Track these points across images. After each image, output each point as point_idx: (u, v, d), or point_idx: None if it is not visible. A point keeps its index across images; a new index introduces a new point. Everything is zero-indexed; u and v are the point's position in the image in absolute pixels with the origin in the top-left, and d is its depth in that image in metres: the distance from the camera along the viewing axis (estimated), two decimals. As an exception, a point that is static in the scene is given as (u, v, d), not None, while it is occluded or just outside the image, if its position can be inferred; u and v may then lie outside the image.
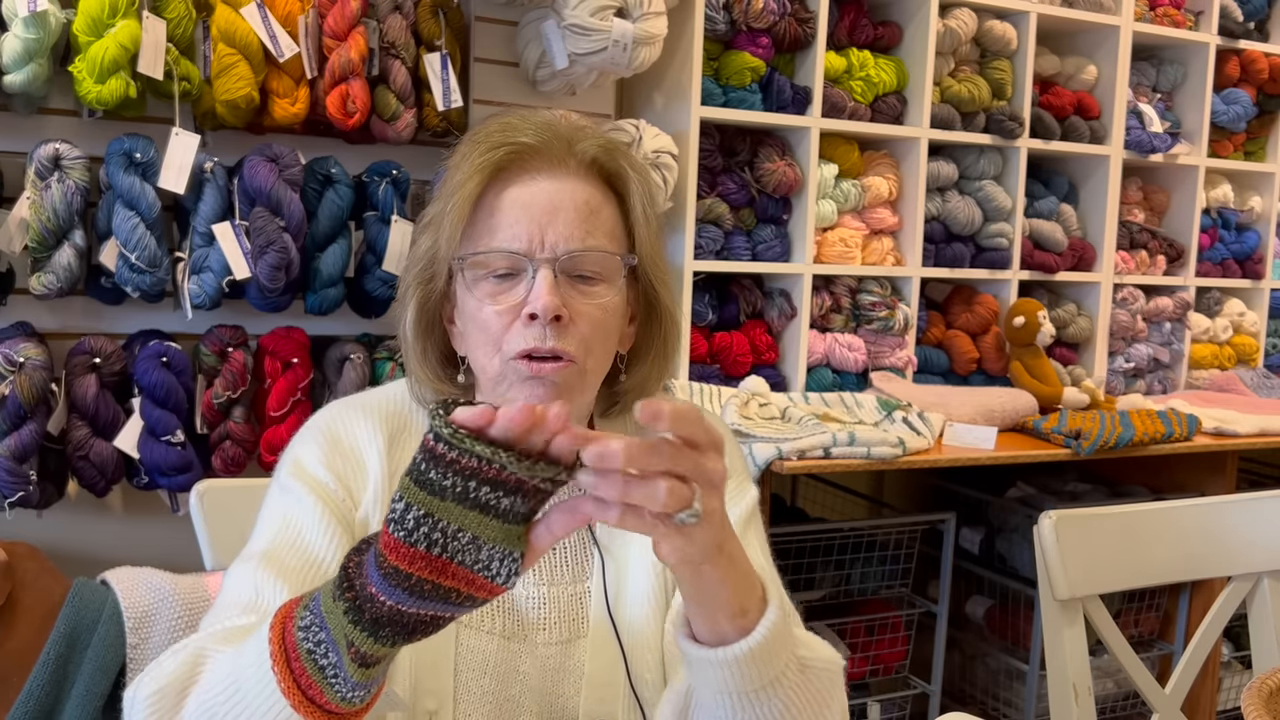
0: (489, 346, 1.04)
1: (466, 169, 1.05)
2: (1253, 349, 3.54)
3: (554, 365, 1.02)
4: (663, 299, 1.12)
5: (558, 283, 1.02)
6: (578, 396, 1.07)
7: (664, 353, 1.14)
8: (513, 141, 1.05)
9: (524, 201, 1.04)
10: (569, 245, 1.03)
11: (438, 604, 0.76)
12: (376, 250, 2.21)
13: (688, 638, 0.89)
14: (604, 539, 1.12)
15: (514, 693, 1.07)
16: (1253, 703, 1.00)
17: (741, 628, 0.87)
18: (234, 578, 1.01)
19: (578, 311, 1.03)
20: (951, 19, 2.87)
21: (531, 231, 1.03)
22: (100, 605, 1.83)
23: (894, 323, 2.84)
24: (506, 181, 1.05)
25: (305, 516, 1.03)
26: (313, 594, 0.80)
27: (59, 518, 2.11)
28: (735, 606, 0.86)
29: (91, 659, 1.79)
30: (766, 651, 0.87)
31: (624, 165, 1.09)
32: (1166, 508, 1.61)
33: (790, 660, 0.91)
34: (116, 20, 1.90)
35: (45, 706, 1.75)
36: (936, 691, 2.74)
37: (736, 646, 0.86)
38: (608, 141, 1.09)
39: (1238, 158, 3.51)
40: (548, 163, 1.05)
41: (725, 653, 0.86)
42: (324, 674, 0.78)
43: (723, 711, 0.91)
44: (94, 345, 2.03)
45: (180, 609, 1.88)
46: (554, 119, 1.09)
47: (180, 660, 0.87)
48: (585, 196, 1.05)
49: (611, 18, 2.27)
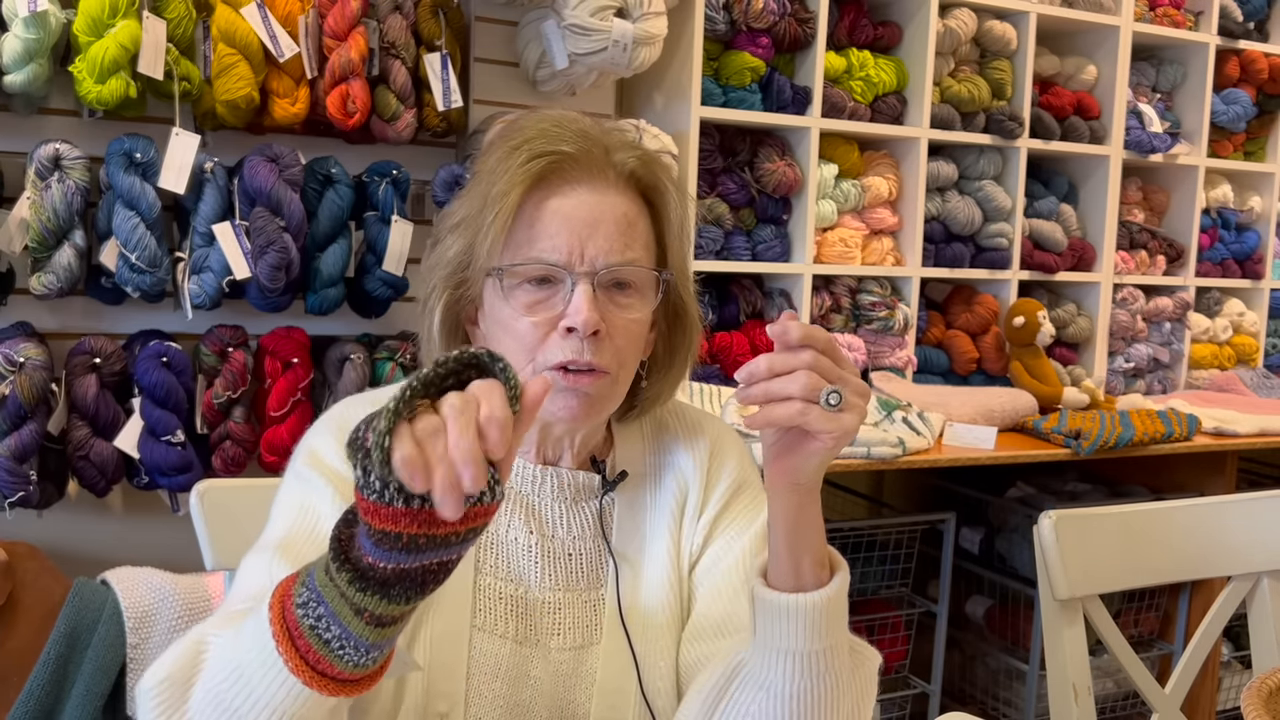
0: (522, 356, 1.04)
1: (507, 178, 1.04)
2: (1252, 349, 3.54)
3: (590, 378, 1.03)
4: (690, 311, 1.13)
5: (596, 297, 1.02)
6: (608, 407, 1.08)
7: (684, 361, 1.15)
8: (554, 151, 1.04)
9: (565, 213, 1.04)
10: (609, 259, 1.03)
11: (438, 551, 0.75)
12: (376, 250, 2.21)
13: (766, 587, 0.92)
14: (620, 547, 1.12)
15: (525, 697, 1.07)
16: (1252, 703, 1.00)
17: (819, 579, 0.91)
18: (248, 567, 1.01)
19: (613, 325, 1.04)
20: (951, 19, 2.87)
21: (571, 244, 1.03)
22: (100, 605, 1.83)
23: (894, 323, 2.84)
24: (546, 191, 1.04)
25: (322, 506, 1.03)
26: (307, 569, 0.80)
27: (59, 518, 2.11)
28: (820, 554, 0.91)
29: (91, 659, 1.79)
30: (837, 608, 0.91)
31: (661, 179, 1.09)
32: (1166, 508, 1.61)
33: (845, 638, 0.93)
34: (116, 20, 1.90)
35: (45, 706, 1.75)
36: (936, 691, 2.74)
37: (816, 593, 0.90)
38: (644, 153, 1.09)
39: (1237, 158, 3.52)
40: (587, 173, 1.05)
41: (804, 598, 0.89)
42: (329, 647, 0.77)
43: (779, 678, 0.91)
44: (94, 345, 2.03)
45: (180, 609, 1.88)
46: (588, 126, 1.08)
47: (183, 649, 0.87)
48: (624, 209, 1.05)
49: (611, 18, 2.27)
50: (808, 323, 2.66)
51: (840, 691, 0.93)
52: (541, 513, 1.11)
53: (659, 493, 1.15)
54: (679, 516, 1.14)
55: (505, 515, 1.10)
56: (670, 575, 1.12)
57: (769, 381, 0.84)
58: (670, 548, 1.13)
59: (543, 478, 1.11)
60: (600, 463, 1.13)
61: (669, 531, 1.13)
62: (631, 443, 1.16)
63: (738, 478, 1.16)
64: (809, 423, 0.83)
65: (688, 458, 1.16)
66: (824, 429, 0.84)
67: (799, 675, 0.91)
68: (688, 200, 1.13)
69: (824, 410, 0.83)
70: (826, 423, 0.83)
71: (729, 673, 0.95)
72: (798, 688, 0.91)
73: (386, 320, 2.32)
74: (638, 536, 1.13)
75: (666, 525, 1.13)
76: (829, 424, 0.84)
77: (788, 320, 0.85)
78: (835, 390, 0.83)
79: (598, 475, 1.12)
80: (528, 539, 1.09)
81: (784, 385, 0.83)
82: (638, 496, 1.14)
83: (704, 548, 1.14)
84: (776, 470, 0.89)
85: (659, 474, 1.16)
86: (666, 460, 1.17)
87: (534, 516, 1.10)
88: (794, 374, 0.83)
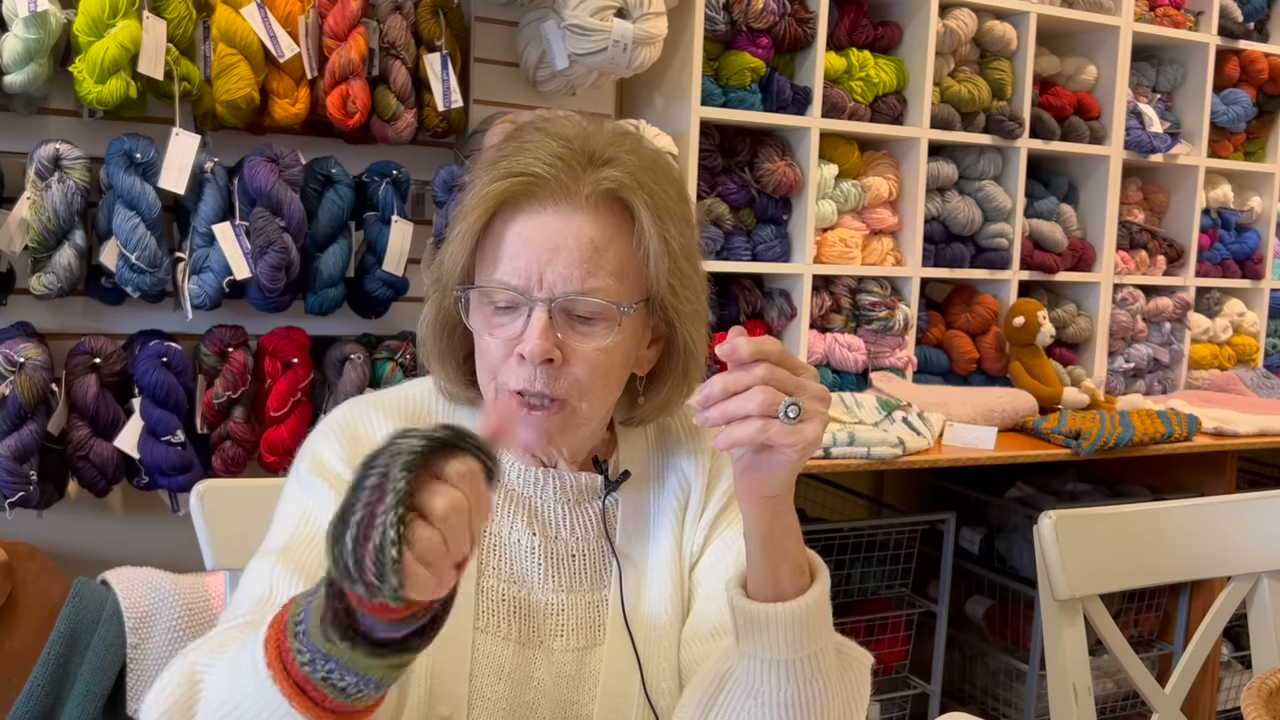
0: (486, 373, 1.04)
1: (475, 196, 1.02)
2: (1252, 349, 3.54)
3: (542, 413, 1.01)
4: (680, 333, 1.08)
5: (552, 324, 1.00)
6: (570, 437, 1.06)
7: (685, 379, 1.12)
8: (521, 173, 1.01)
9: (526, 236, 1.01)
10: (566, 287, 1.00)
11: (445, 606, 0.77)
12: (376, 250, 2.21)
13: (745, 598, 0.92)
14: (624, 548, 1.12)
15: (529, 699, 1.07)
16: (1253, 703, 1.00)
17: (799, 586, 0.91)
18: (251, 573, 1.01)
19: (574, 352, 1.01)
20: (951, 19, 2.87)
21: (530, 269, 1.00)
22: (100, 605, 1.83)
23: (894, 323, 2.84)
24: (515, 210, 1.02)
25: (325, 513, 1.03)
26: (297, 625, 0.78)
27: (59, 518, 2.11)
28: (799, 561, 0.91)
29: (91, 659, 1.79)
30: (819, 614, 0.91)
31: (635, 201, 1.02)
32: (1166, 508, 1.61)
33: (830, 642, 0.94)
34: (117, 20, 1.90)
35: (45, 706, 1.75)
36: (936, 691, 2.74)
37: (796, 601, 0.90)
38: (633, 170, 1.03)
39: (1237, 158, 3.52)
40: (553, 197, 1.01)
41: (784, 607, 0.90)
42: (345, 693, 0.77)
43: (767, 686, 0.91)
44: (94, 345, 2.03)
45: (180, 609, 1.88)
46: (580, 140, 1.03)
47: (177, 682, 0.87)
48: (591, 234, 1.00)
49: (611, 18, 2.27)
50: (805, 320, 2.68)
51: (830, 695, 0.93)
52: (544, 514, 1.10)
53: (662, 494, 1.15)
54: (681, 517, 1.14)
55: (508, 517, 1.10)
56: (673, 576, 1.12)
57: (725, 403, 0.83)
58: (673, 548, 1.13)
59: (544, 479, 1.10)
60: (603, 463, 1.12)
61: (672, 532, 1.13)
62: (635, 444, 1.16)
63: None
64: (770, 439, 0.83)
65: (690, 459, 1.16)
66: (786, 443, 0.84)
67: (786, 683, 0.91)
68: (686, 209, 1.08)
69: (784, 424, 0.83)
70: (787, 436, 0.83)
71: (718, 681, 0.96)
72: (786, 695, 0.92)
73: (386, 320, 2.32)
74: (641, 537, 1.13)
75: (669, 526, 1.13)
76: (790, 438, 0.84)
77: (736, 337, 0.84)
78: (794, 402, 0.83)
79: (600, 476, 1.12)
80: (530, 540, 1.09)
81: (741, 405, 0.83)
82: (641, 497, 1.14)
83: (704, 548, 1.13)
84: (745, 485, 0.89)
85: (662, 475, 1.16)
86: (670, 462, 1.16)
87: (536, 518, 1.10)
88: (749, 391, 0.83)
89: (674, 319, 1.07)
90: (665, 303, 1.06)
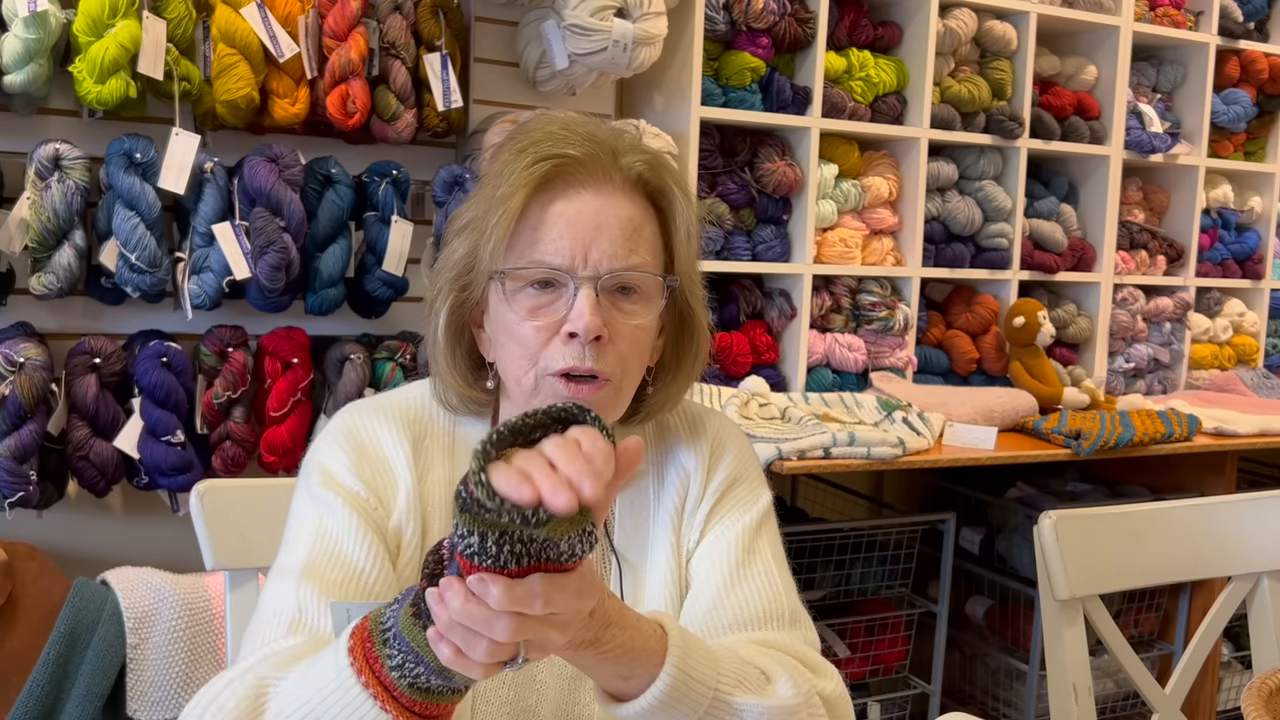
0: (524, 360, 1.03)
1: (511, 181, 1.03)
2: (1253, 349, 3.54)
3: (590, 387, 1.02)
4: (698, 316, 1.12)
5: (599, 301, 1.01)
6: (610, 415, 1.06)
7: (692, 367, 1.14)
8: (559, 154, 1.03)
9: (569, 216, 1.03)
10: (612, 264, 1.02)
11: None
12: (376, 250, 2.21)
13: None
14: (622, 547, 1.12)
15: (531, 702, 1.08)
16: (1253, 703, 1.00)
17: (652, 677, 0.90)
18: (274, 593, 1.00)
19: (616, 331, 1.03)
20: (951, 19, 2.87)
21: (575, 248, 1.02)
22: (100, 605, 1.84)
23: (894, 323, 2.84)
24: (551, 194, 1.03)
25: (341, 527, 1.03)
26: (385, 627, 0.81)
27: (59, 518, 2.11)
28: (651, 652, 0.90)
29: (91, 659, 1.79)
30: (678, 694, 0.90)
31: (669, 182, 1.08)
32: (1166, 508, 1.61)
33: (707, 702, 0.92)
34: (116, 20, 1.90)
35: (45, 706, 1.75)
36: (936, 691, 2.74)
37: (641, 700, 0.90)
38: (653, 156, 1.08)
39: (1238, 158, 3.51)
40: (593, 177, 1.04)
41: (632, 707, 0.90)
42: (432, 694, 0.81)
43: None
44: (94, 345, 2.03)
45: (180, 609, 1.88)
46: (596, 129, 1.07)
47: (241, 695, 0.87)
48: (629, 213, 1.04)
49: (611, 18, 2.27)
50: (805, 320, 2.67)
51: None
52: None
53: (662, 491, 1.15)
54: (680, 513, 1.14)
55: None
56: (672, 573, 1.12)
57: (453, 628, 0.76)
58: (672, 545, 1.13)
59: None
60: None
61: (671, 529, 1.13)
62: None
63: (734, 471, 1.16)
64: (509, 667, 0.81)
65: (689, 454, 1.16)
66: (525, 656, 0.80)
67: None
68: (694, 205, 1.12)
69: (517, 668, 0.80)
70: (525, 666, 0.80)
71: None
72: None
73: (386, 320, 2.32)
74: (640, 536, 1.13)
75: (668, 523, 1.13)
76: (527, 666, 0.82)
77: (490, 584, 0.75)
78: (516, 661, 0.79)
79: None
80: None
81: (467, 642, 0.77)
82: (640, 495, 1.14)
83: (699, 542, 1.13)
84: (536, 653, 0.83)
85: (661, 472, 1.16)
86: (669, 459, 1.16)
87: None
88: (476, 638, 0.76)
89: (694, 305, 1.11)
90: (686, 288, 1.10)
